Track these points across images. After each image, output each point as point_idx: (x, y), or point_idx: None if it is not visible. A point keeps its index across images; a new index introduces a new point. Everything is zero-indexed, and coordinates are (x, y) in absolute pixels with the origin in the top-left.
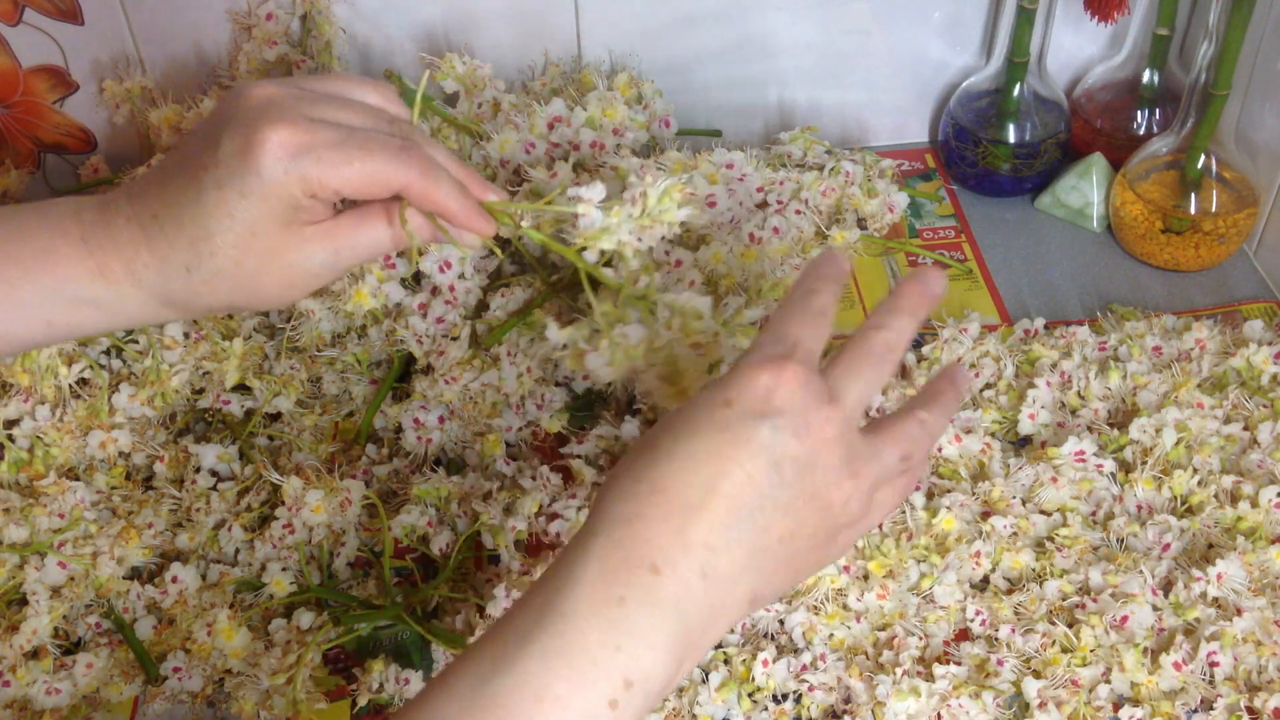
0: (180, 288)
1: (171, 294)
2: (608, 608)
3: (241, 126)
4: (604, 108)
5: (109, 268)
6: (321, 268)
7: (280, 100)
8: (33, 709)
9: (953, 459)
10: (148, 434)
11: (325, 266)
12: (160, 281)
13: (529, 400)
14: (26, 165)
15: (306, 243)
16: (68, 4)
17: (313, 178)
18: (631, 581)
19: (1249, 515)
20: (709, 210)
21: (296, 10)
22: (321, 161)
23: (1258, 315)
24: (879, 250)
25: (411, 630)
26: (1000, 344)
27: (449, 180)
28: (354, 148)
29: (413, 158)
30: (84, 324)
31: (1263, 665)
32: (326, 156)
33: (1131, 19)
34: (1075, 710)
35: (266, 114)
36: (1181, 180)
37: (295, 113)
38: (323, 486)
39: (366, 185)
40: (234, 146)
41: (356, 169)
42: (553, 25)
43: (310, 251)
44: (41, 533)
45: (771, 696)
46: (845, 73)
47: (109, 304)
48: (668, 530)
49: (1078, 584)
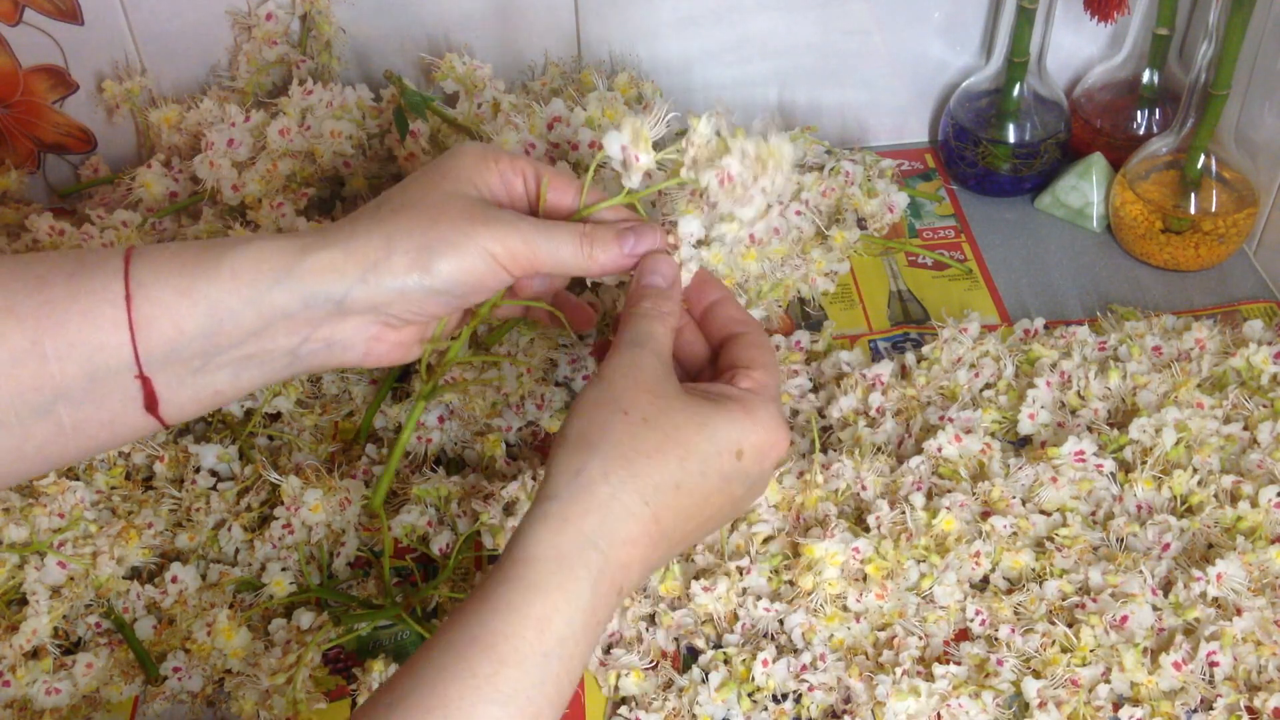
0: (369, 222)
1: (359, 231)
2: (591, 632)
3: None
4: (604, 108)
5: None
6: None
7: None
8: (33, 709)
9: (953, 459)
10: None
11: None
12: (349, 225)
13: (529, 400)
14: (26, 165)
15: (496, 211)
16: (68, 4)
17: (504, 156)
18: (608, 605)
19: (1249, 515)
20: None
21: (296, 10)
22: (516, 156)
23: (1258, 315)
24: (879, 250)
25: (411, 630)
26: (1000, 344)
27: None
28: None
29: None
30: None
31: (1262, 665)
32: (520, 155)
33: (1131, 19)
34: (1075, 710)
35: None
36: (1181, 180)
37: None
38: (322, 486)
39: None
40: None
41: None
42: (553, 25)
43: (499, 216)
44: (41, 533)
45: (771, 696)
46: (845, 73)
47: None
48: (644, 560)
49: (1078, 584)
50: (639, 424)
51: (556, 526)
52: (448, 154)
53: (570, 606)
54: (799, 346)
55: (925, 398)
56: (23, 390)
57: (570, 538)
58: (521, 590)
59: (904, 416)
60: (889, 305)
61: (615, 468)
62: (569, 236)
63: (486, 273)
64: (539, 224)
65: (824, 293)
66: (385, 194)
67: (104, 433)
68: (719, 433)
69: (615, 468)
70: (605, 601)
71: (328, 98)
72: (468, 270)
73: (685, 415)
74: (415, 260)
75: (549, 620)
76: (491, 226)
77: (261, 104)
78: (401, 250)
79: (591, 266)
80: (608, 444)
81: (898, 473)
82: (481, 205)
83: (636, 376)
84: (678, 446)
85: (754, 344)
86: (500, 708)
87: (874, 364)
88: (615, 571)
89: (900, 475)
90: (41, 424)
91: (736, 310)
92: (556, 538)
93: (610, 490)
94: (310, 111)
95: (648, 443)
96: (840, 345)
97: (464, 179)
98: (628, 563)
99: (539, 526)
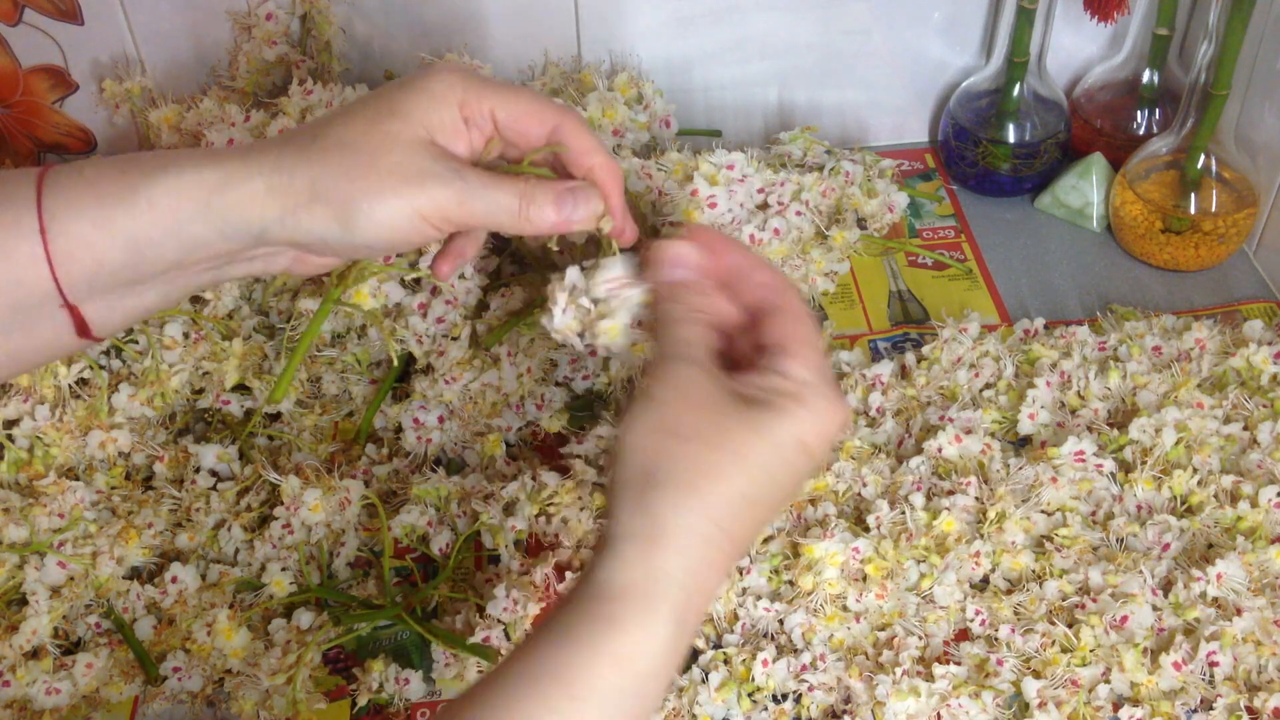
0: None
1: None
2: (671, 664)
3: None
4: (604, 108)
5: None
6: (437, 203)
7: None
8: (33, 709)
9: (953, 459)
10: (147, 434)
11: (443, 204)
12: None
13: (529, 400)
14: (26, 165)
15: (435, 162)
16: (68, 4)
17: (472, 88)
18: (692, 632)
19: (1249, 515)
20: (709, 211)
21: (296, 10)
22: (485, 84)
23: (1257, 315)
24: (879, 250)
25: (411, 630)
26: (1000, 344)
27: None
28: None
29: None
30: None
31: (1262, 665)
32: (490, 82)
33: (1131, 19)
34: (1075, 710)
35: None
36: (1181, 180)
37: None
38: (321, 486)
39: (522, 110)
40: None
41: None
42: (553, 25)
43: (436, 172)
44: (41, 533)
45: (771, 696)
46: (845, 73)
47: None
48: (723, 575)
49: (1077, 584)
50: (700, 447)
51: (634, 564)
52: (408, 80)
53: (651, 644)
54: None
55: (925, 398)
56: None
57: (648, 573)
58: (602, 627)
59: (904, 416)
60: (889, 305)
61: (684, 498)
62: (507, 196)
63: (411, 231)
64: (476, 182)
65: (824, 293)
66: (327, 119)
67: (39, 356)
68: (781, 436)
69: (684, 498)
70: (688, 629)
71: (328, 98)
72: (392, 229)
73: (743, 426)
74: (337, 213)
75: (628, 659)
76: (425, 185)
77: (261, 104)
78: (324, 200)
79: (525, 227)
80: (670, 474)
81: (898, 473)
82: (421, 155)
83: (685, 393)
84: (741, 461)
85: (794, 318)
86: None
87: (874, 364)
88: (699, 600)
89: (900, 475)
90: None
91: (765, 274)
92: (634, 574)
93: (684, 523)
94: (310, 111)
95: (710, 465)
96: (840, 345)
97: (415, 119)
98: (709, 587)
99: (614, 564)
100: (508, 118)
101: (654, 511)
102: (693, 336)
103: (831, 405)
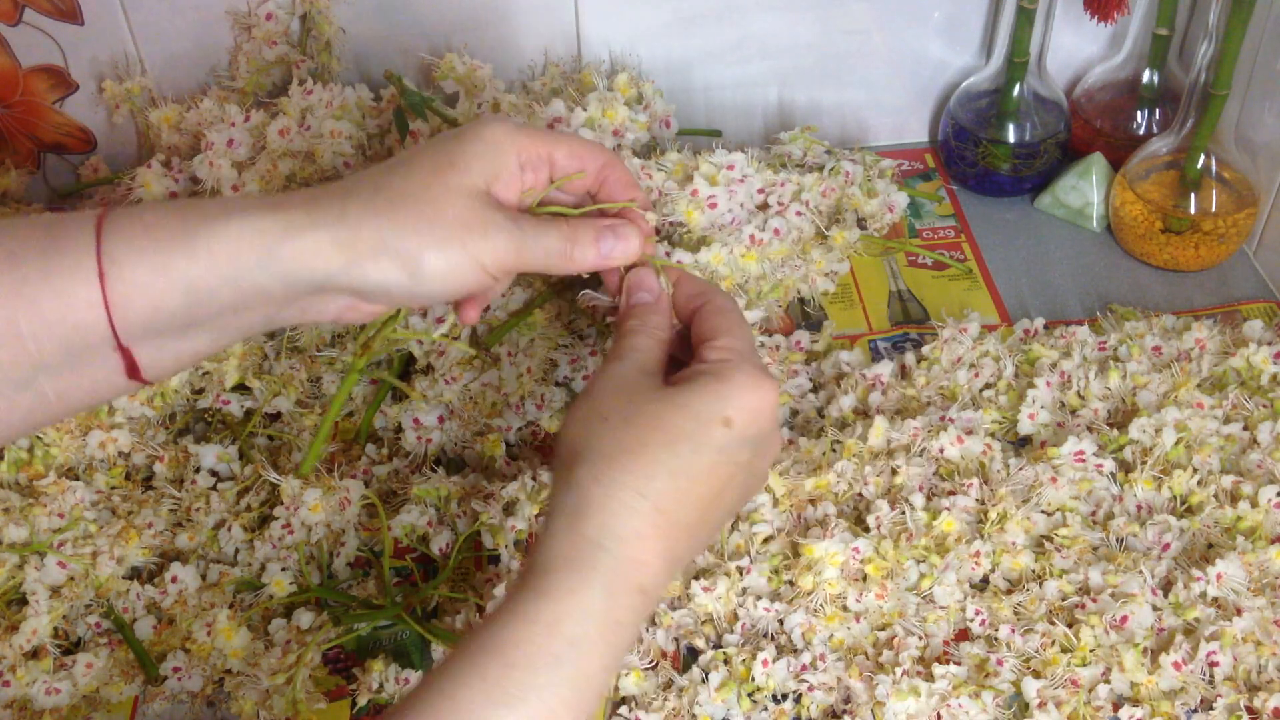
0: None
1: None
2: (610, 633)
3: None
4: (604, 108)
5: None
6: (497, 253)
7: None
8: (33, 709)
9: (954, 460)
10: (147, 434)
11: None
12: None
13: (529, 400)
14: (26, 165)
15: (495, 213)
16: (68, 4)
17: (525, 133)
18: (628, 605)
19: (1249, 515)
20: (710, 212)
21: (296, 10)
22: (537, 129)
23: (1257, 315)
24: (879, 250)
25: (411, 630)
26: (1000, 344)
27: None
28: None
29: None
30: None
31: (1262, 665)
32: (540, 130)
33: (1131, 19)
34: (1075, 710)
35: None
36: (1181, 180)
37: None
38: (321, 486)
39: (580, 149)
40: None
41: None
42: (553, 25)
43: (497, 222)
44: (41, 533)
45: (771, 696)
46: (845, 73)
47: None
48: (663, 552)
49: (1077, 584)
50: (619, 425)
51: (560, 536)
52: (465, 131)
53: (581, 609)
54: (799, 346)
55: (925, 398)
56: (2, 367)
57: (574, 543)
58: (532, 598)
59: (904, 416)
60: (889, 305)
61: (603, 470)
62: (555, 239)
63: (471, 279)
64: (531, 230)
65: (824, 293)
66: (386, 169)
67: (87, 398)
68: (698, 408)
69: (603, 470)
70: (624, 602)
71: (328, 98)
72: (454, 278)
73: (662, 404)
74: (404, 265)
75: (559, 623)
76: (488, 235)
77: (261, 104)
78: (391, 253)
79: (570, 267)
80: (593, 450)
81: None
82: (482, 206)
83: (616, 386)
84: (661, 434)
85: (715, 310)
86: (509, 710)
87: (874, 364)
88: (629, 569)
89: (901, 475)
90: (24, 395)
91: (692, 284)
92: (562, 545)
93: (603, 491)
94: (310, 111)
95: (631, 439)
96: (840, 345)
97: (474, 170)
98: (641, 559)
99: (546, 541)
100: (567, 156)
101: (578, 484)
102: (639, 344)
103: (753, 380)
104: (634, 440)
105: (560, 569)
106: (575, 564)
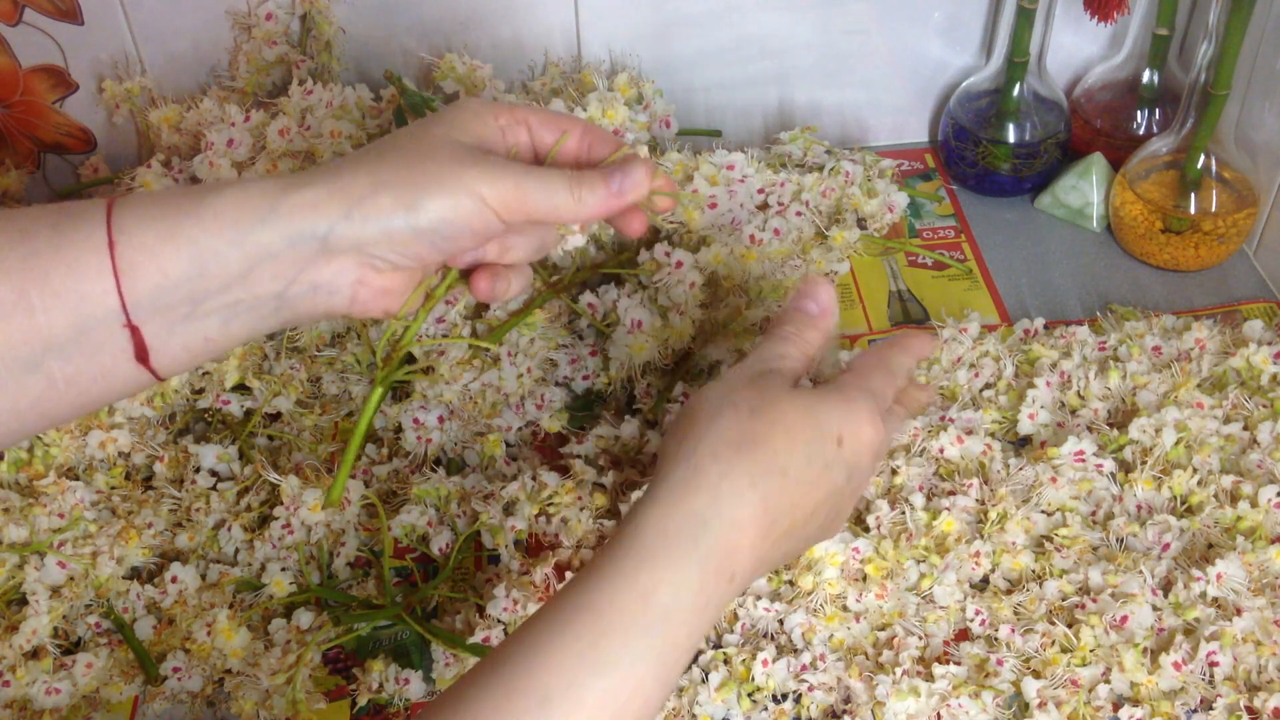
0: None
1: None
2: (697, 613)
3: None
4: (604, 108)
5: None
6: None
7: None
8: (33, 709)
9: (954, 460)
10: (147, 434)
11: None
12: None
13: (529, 400)
14: (26, 165)
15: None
16: (68, 4)
17: (503, 105)
18: (717, 588)
19: (1249, 515)
20: (710, 212)
21: (296, 10)
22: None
23: (1257, 315)
24: (879, 250)
25: (411, 630)
26: (1000, 344)
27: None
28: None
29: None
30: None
31: (1262, 665)
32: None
33: (1131, 19)
34: (1075, 710)
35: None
36: (1181, 180)
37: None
38: (321, 486)
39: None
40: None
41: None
42: (553, 25)
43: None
44: (41, 533)
45: (771, 696)
46: (845, 73)
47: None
48: (756, 546)
49: (1077, 584)
50: (746, 414)
51: (666, 506)
52: (446, 107)
53: (677, 581)
54: None
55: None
56: (12, 344)
57: (680, 515)
58: (629, 563)
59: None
60: (889, 305)
61: (723, 451)
62: (560, 180)
63: (474, 214)
64: (530, 168)
65: None
66: (375, 141)
67: (96, 387)
68: (822, 418)
69: (723, 451)
70: (715, 583)
71: (328, 98)
72: (456, 209)
73: (790, 404)
74: (401, 197)
75: (653, 592)
76: (482, 167)
77: (261, 104)
78: (387, 187)
79: (581, 210)
80: (716, 431)
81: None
82: (473, 149)
83: (752, 378)
84: (784, 433)
85: (875, 354)
86: (598, 677)
87: None
88: (724, 554)
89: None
90: (33, 379)
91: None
92: (666, 515)
93: (720, 470)
94: (310, 111)
95: (755, 430)
96: (840, 345)
97: (459, 126)
98: (737, 547)
99: (649, 507)
100: (541, 123)
101: (695, 459)
102: (789, 352)
103: (873, 416)
104: (758, 432)
105: (659, 536)
106: (677, 536)
